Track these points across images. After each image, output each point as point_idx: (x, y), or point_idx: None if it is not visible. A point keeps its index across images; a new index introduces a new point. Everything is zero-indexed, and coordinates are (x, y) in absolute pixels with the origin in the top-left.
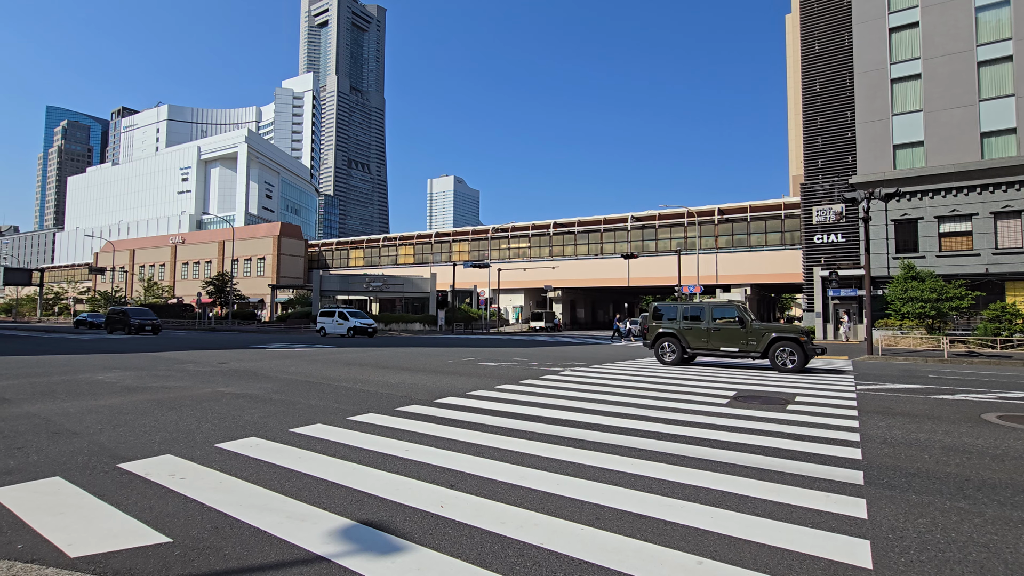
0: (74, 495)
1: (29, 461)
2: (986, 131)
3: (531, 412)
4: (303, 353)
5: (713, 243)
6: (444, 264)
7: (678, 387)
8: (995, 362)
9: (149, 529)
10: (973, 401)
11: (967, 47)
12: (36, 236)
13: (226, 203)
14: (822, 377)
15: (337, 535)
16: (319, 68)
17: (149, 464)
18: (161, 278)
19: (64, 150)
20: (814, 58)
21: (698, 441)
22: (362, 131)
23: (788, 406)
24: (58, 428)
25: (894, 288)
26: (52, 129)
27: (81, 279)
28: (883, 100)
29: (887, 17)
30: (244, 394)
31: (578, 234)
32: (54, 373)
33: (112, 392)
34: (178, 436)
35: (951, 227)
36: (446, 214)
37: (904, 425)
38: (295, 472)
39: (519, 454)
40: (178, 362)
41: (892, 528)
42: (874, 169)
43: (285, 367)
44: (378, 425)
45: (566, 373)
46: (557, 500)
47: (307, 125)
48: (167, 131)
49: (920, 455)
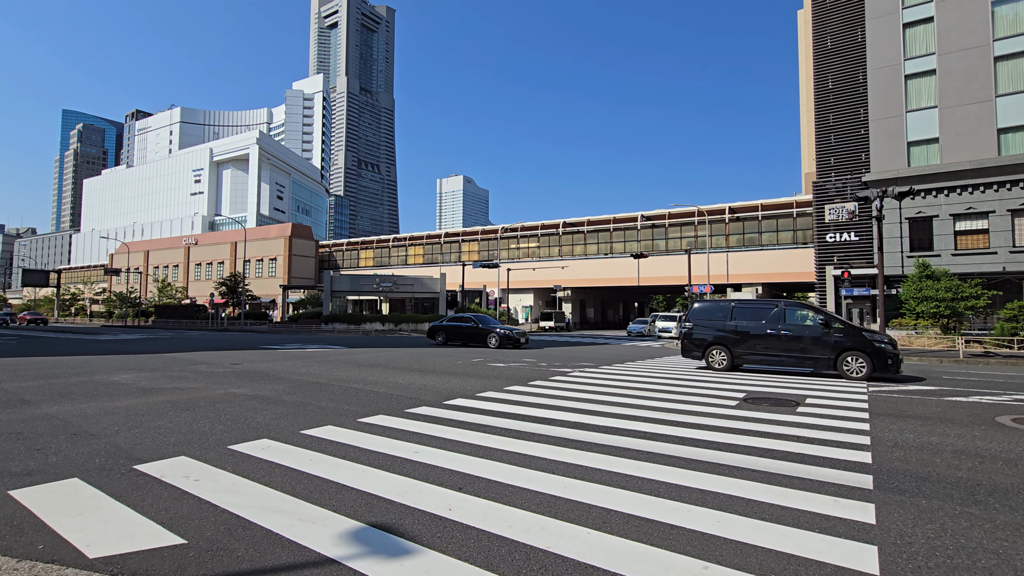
0: (92, 496)
1: (48, 462)
2: (1003, 127)
3: (539, 414)
4: (314, 354)
5: (724, 242)
6: (454, 264)
7: (687, 389)
8: (1012, 363)
9: (164, 530)
10: (987, 403)
11: (983, 42)
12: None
13: (238, 204)
14: (832, 378)
15: (347, 537)
16: (329, 69)
17: (164, 466)
18: (175, 279)
19: (80, 153)
20: (827, 54)
21: (706, 444)
22: (372, 131)
23: (798, 408)
24: (76, 429)
25: (908, 287)
26: (68, 132)
27: (97, 280)
28: (897, 96)
29: (901, 12)
30: (256, 395)
31: (587, 233)
32: (71, 374)
33: (128, 393)
34: (192, 438)
35: (967, 225)
36: (456, 214)
37: (916, 428)
38: (306, 474)
39: (527, 456)
40: (192, 363)
41: (901, 533)
42: (888, 166)
43: (296, 368)
44: (387, 427)
45: (575, 374)
46: (565, 503)
47: (317, 126)
48: (180, 133)
49: (931, 459)
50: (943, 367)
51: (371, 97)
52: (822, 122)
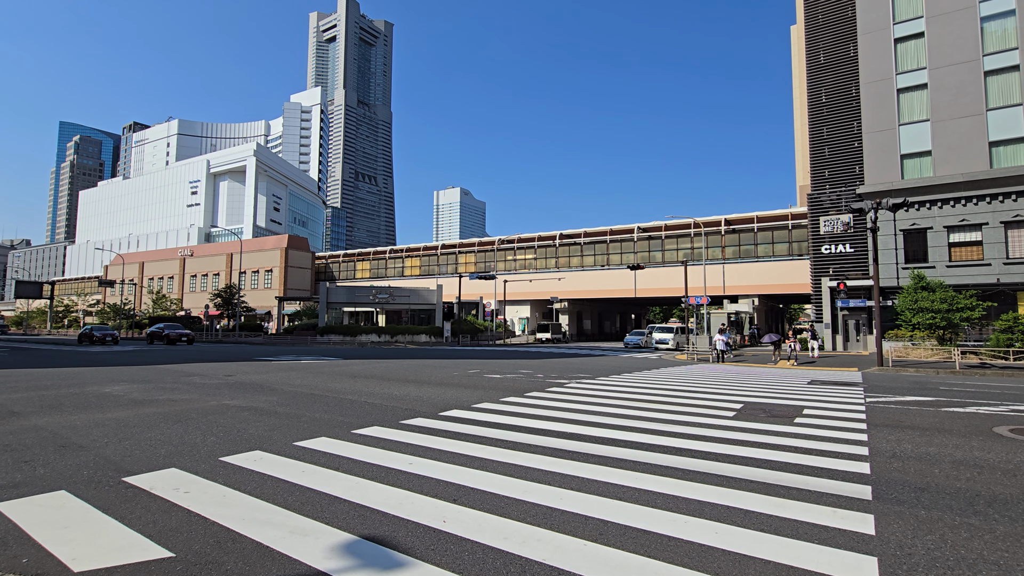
0: (79, 509)
1: (36, 475)
2: (994, 140)
3: (535, 425)
4: (309, 366)
5: (720, 253)
6: (450, 276)
7: (685, 400)
8: (1008, 373)
9: (152, 543)
10: (984, 414)
11: (973, 57)
12: (47, 249)
13: (234, 216)
14: (831, 389)
15: (339, 550)
16: (327, 82)
17: (154, 478)
18: (170, 291)
19: (76, 164)
20: (820, 69)
21: (704, 455)
22: (369, 144)
23: (796, 419)
24: (65, 441)
25: (904, 298)
26: (65, 144)
27: (91, 292)
28: (890, 110)
29: (892, 28)
30: (249, 407)
31: (584, 245)
32: (62, 386)
33: (119, 405)
34: (183, 449)
35: (961, 237)
36: (452, 226)
37: (914, 439)
38: (298, 486)
39: (523, 468)
40: (185, 374)
41: (900, 545)
42: (881, 179)
43: (290, 379)
44: (382, 438)
45: (571, 385)
46: (560, 515)
47: (315, 138)
48: (177, 145)
49: (930, 469)
50: (940, 378)
51: (369, 110)
52: (816, 135)
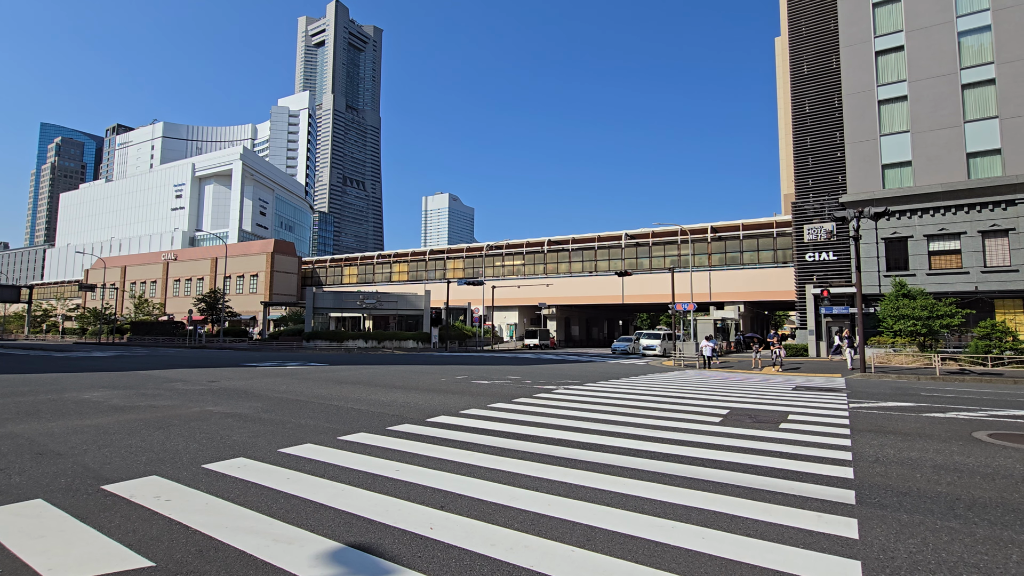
0: (56, 518)
1: (11, 483)
2: (972, 151)
3: (523, 431)
4: (295, 371)
5: (706, 260)
6: (438, 281)
7: (672, 406)
8: (986, 379)
9: (132, 553)
10: (964, 419)
11: (951, 70)
12: (26, 253)
13: (220, 220)
14: (815, 395)
15: (325, 558)
16: (315, 87)
17: (134, 486)
18: (152, 295)
19: (57, 167)
20: (803, 80)
21: (690, 460)
22: (357, 149)
23: (781, 425)
24: (42, 449)
25: (885, 306)
26: (46, 146)
27: (71, 296)
28: (871, 121)
29: (873, 41)
30: (233, 413)
31: (572, 251)
32: (40, 392)
33: (99, 412)
34: (165, 457)
35: (940, 245)
36: (441, 231)
37: (896, 444)
38: (283, 493)
39: (510, 474)
40: (167, 380)
41: (883, 548)
42: (863, 188)
43: (276, 386)
44: (368, 445)
45: (559, 392)
46: (548, 521)
47: (302, 143)
48: (162, 148)
49: (912, 474)
50: (921, 384)
51: (357, 115)
52: (800, 145)
